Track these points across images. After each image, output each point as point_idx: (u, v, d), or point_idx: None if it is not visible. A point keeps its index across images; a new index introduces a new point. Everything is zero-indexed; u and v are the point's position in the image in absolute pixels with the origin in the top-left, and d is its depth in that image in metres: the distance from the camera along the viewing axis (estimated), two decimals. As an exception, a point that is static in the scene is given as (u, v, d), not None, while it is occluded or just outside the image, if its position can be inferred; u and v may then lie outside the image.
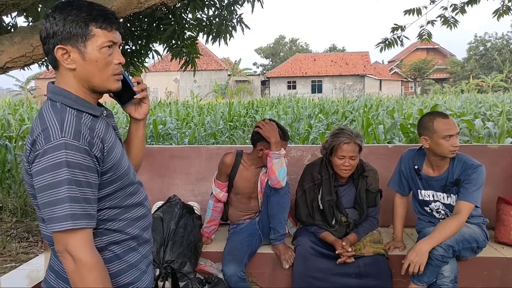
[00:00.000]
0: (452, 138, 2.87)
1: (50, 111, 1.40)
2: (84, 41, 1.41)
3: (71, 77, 1.45)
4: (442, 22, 5.41)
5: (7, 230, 5.37)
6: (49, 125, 1.36)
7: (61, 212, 1.31)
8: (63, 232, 1.32)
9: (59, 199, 1.32)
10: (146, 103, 1.72)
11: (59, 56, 1.42)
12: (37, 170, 1.34)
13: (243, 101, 23.55)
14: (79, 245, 1.34)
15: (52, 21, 1.40)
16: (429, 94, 38.19)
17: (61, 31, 1.39)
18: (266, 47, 74.19)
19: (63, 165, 1.32)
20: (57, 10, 1.41)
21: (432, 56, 57.23)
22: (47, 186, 1.32)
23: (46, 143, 1.33)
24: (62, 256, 1.36)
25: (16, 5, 3.07)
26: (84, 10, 1.41)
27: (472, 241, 2.85)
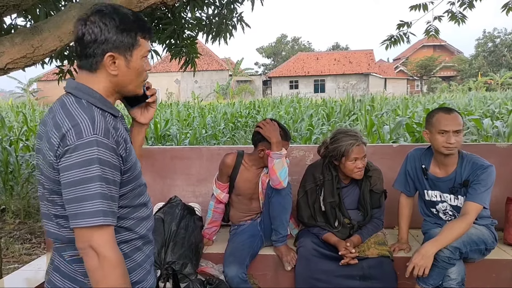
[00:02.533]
0: (448, 134, 2.80)
1: (78, 108, 1.42)
2: (131, 50, 1.49)
3: (107, 81, 1.50)
4: (450, 17, 5.32)
5: (10, 231, 5.37)
6: (80, 121, 1.38)
7: (92, 207, 1.33)
8: (89, 228, 1.34)
9: (90, 194, 1.34)
10: (153, 108, 1.75)
11: (107, 62, 1.46)
12: (67, 165, 1.35)
13: (245, 101, 23.52)
14: (105, 241, 1.35)
15: (102, 27, 1.44)
16: (436, 93, 37.89)
17: (114, 39, 1.45)
18: (267, 47, 74.14)
19: (95, 161, 1.35)
20: (105, 16, 1.45)
21: (439, 53, 56.38)
22: (78, 181, 1.34)
23: (78, 139, 1.35)
24: (84, 252, 1.36)
25: (16, 6, 3.04)
26: (132, 19, 1.48)
27: (480, 242, 2.79)
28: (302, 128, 11.06)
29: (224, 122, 13.35)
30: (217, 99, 35.32)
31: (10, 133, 9.13)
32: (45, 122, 1.50)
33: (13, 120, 13.41)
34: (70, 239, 1.46)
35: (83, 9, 2.56)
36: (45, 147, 1.42)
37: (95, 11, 1.46)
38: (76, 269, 1.49)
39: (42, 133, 1.50)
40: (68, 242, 1.48)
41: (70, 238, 1.46)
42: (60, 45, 2.57)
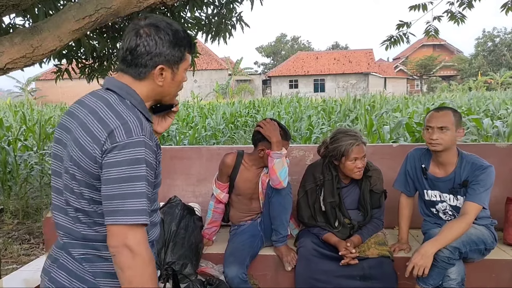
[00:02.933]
0: (432, 130, 2.86)
1: (123, 107, 1.46)
2: (178, 63, 1.56)
3: (150, 89, 1.55)
4: (449, 17, 5.32)
5: (9, 232, 5.36)
6: (129, 120, 1.41)
7: (137, 206, 1.36)
8: (128, 225, 1.35)
9: (137, 193, 1.36)
10: (172, 118, 1.79)
11: (156, 74, 1.52)
12: (114, 161, 1.37)
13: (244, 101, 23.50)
14: (141, 240, 1.37)
15: (158, 41, 1.49)
16: (436, 92, 37.81)
17: (167, 53, 1.51)
18: (267, 46, 73.99)
19: (142, 161, 1.38)
20: (161, 31, 1.50)
21: (438, 52, 56.27)
22: (125, 178, 1.36)
23: (128, 137, 1.38)
24: (117, 250, 1.36)
25: (16, 6, 3.03)
26: (182, 35, 1.55)
27: (479, 242, 2.79)
28: (302, 128, 11.05)
29: (223, 121, 13.35)
30: (217, 99, 35.30)
31: (8, 133, 9.10)
32: (73, 113, 1.52)
33: (12, 120, 13.38)
34: (85, 235, 1.47)
35: (82, 9, 2.56)
36: (83, 139, 1.42)
37: (151, 24, 1.51)
38: (87, 269, 1.49)
39: (68, 125, 1.52)
40: (81, 239, 1.48)
41: (85, 235, 1.47)
42: (60, 45, 2.56)
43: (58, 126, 1.58)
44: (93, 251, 1.49)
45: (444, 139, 2.83)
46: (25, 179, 6.68)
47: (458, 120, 2.87)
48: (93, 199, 1.45)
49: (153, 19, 1.53)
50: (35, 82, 43.91)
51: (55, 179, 1.56)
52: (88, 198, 1.44)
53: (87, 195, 1.45)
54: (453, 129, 2.82)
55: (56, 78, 4.91)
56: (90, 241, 1.48)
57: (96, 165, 1.40)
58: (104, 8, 2.58)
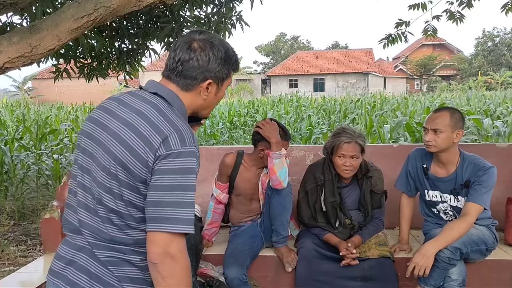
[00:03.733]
0: (426, 131, 2.89)
1: (173, 114, 1.47)
2: (223, 80, 1.60)
3: (193, 101, 1.57)
4: (448, 17, 5.30)
5: (5, 233, 5.33)
6: (182, 128, 1.43)
7: (186, 215, 1.36)
8: (174, 234, 1.35)
9: (187, 202, 1.37)
10: (195, 130, 1.80)
11: (204, 88, 1.55)
12: (168, 168, 1.37)
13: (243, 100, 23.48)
14: (182, 248, 1.38)
15: (211, 57, 1.52)
16: (436, 92, 37.80)
17: (217, 70, 1.55)
18: (266, 45, 73.83)
19: (194, 171, 1.41)
20: (215, 47, 1.53)
21: (438, 52, 56.17)
22: (177, 187, 1.36)
23: (182, 146, 1.39)
24: (160, 258, 1.35)
25: (14, 5, 3.01)
26: (232, 53, 1.58)
27: (480, 243, 2.77)
28: (302, 128, 11.04)
29: (222, 121, 13.33)
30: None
31: (5, 132, 9.06)
32: (111, 110, 1.50)
33: (8, 119, 13.34)
34: (113, 237, 1.45)
35: (81, 8, 2.54)
36: (133, 141, 1.41)
37: (206, 40, 1.53)
38: (113, 272, 1.46)
39: (103, 120, 1.50)
40: (108, 241, 1.46)
41: (114, 237, 1.45)
42: (59, 44, 2.54)
43: (89, 120, 1.55)
44: (120, 255, 1.47)
45: (437, 141, 2.83)
46: (22, 180, 6.63)
47: (457, 121, 2.84)
48: (132, 202, 1.43)
49: (207, 34, 1.56)
50: (31, 81, 43.78)
51: (82, 175, 1.52)
52: (127, 200, 1.43)
53: (127, 197, 1.43)
54: (448, 131, 2.80)
55: (55, 78, 4.89)
56: (118, 244, 1.46)
57: (146, 169, 1.40)
58: (103, 7, 2.56)
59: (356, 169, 3.01)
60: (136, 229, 1.44)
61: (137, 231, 1.43)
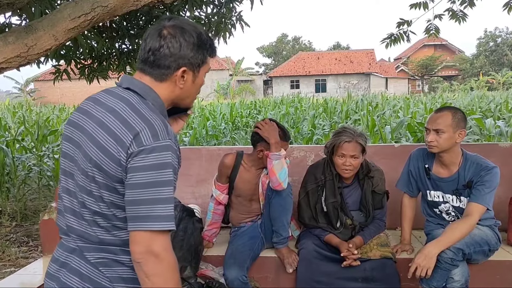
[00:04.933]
0: (428, 132, 2.86)
1: (147, 108, 1.43)
2: (200, 66, 1.54)
3: (170, 91, 1.52)
4: (450, 16, 5.27)
5: (7, 234, 5.31)
6: (154, 122, 1.38)
7: (164, 211, 1.33)
8: (155, 232, 1.32)
9: (164, 198, 1.33)
10: (184, 121, 1.78)
11: (178, 76, 1.50)
12: (141, 165, 1.33)
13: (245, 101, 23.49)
14: (167, 246, 1.35)
15: (183, 43, 1.47)
16: (437, 92, 37.79)
17: (191, 56, 1.49)
18: (268, 46, 73.81)
19: (169, 166, 1.35)
20: (186, 33, 1.48)
21: (440, 52, 56.26)
22: (152, 183, 1.33)
23: (155, 141, 1.35)
24: (143, 257, 1.32)
25: (11, 5, 3.00)
26: (205, 37, 1.52)
27: (483, 244, 2.74)
28: (304, 128, 11.01)
29: (224, 122, 13.31)
30: (218, 99, 35.31)
31: (6, 134, 9.05)
32: (87, 111, 1.47)
33: (10, 121, 13.35)
34: (102, 240, 1.43)
35: (78, 7, 2.52)
36: (105, 140, 1.38)
37: (175, 26, 1.48)
38: (104, 273, 1.44)
39: (81, 123, 1.47)
40: (97, 243, 1.44)
41: (102, 239, 1.42)
42: (55, 44, 2.52)
43: (68, 123, 1.53)
44: (110, 255, 1.44)
45: (439, 142, 2.79)
46: (23, 181, 6.63)
47: (459, 121, 2.80)
48: (113, 203, 1.40)
49: (177, 20, 1.51)
50: (34, 82, 43.91)
51: (65, 179, 1.51)
52: (108, 201, 1.41)
53: (107, 198, 1.40)
54: (450, 131, 2.77)
55: (55, 79, 4.88)
56: (108, 245, 1.44)
57: (120, 168, 1.36)
58: (101, 6, 2.54)
59: (356, 169, 2.98)
60: (123, 229, 1.41)
61: (125, 232, 1.40)
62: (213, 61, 47.39)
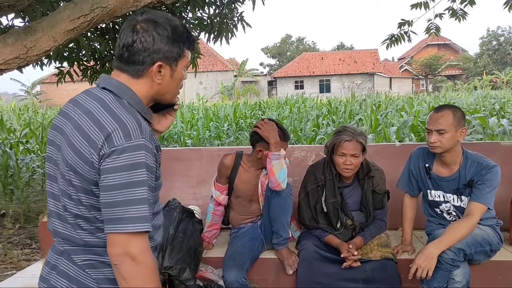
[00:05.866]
0: (429, 132, 2.81)
1: (120, 107, 1.40)
2: (177, 60, 1.49)
3: (148, 88, 1.48)
4: (450, 14, 5.25)
5: (10, 236, 5.32)
6: (127, 122, 1.35)
7: (138, 213, 1.31)
8: (131, 233, 1.30)
9: (138, 199, 1.31)
10: (172, 116, 1.73)
11: (155, 71, 1.46)
12: (113, 166, 1.31)
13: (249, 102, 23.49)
14: (144, 248, 1.33)
15: (156, 37, 1.43)
16: (441, 91, 37.71)
17: (165, 50, 1.45)
18: (272, 47, 73.84)
19: (143, 165, 1.33)
20: (159, 26, 1.44)
21: (443, 52, 56.50)
22: (125, 184, 1.30)
23: (127, 141, 1.32)
24: (120, 260, 1.31)
25: (12, 7, 3.00)
26: (182, 30, 1.48)
27: (484, 244, 2.72)
28: (307, 128, 11.01)
29: (227, 123, 13.33)
30: (222, 100, 35.33)
31: (10, 136, 9.09)
32: (67, 114, 1.46)
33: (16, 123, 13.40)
34: (87, 242, 1.42)
35: (77, 9, 2.52)
36: (79, 143, 1.36)
37: (148, 20, 1.44)
38: (90, 275, 1.44)
39: (61, 126, 1.46)
40: (83, 245, 1.43)
41: (87, 242, 1.42)
42: (55, 45, 2.52)
43: (51, 127, 1.51)
44: (96, 257, 1.44)
45: (442, 142, 2.76)
46: (27, 183, 6.66)
47: (460, 119, 2.78)
48: (92, 205, 1.39)
49: (151, 14, 1.47)
50: (40, 85, 44.06)
51: (50, 183, 1.50)
52: (87, 204, 1.39)
53: (86, 201, 1.39)
54: (452, 130, 2.74)
55: (58, 81, 4.89)
56: (93, 247, 1.43)
57: (94, 171, 1.35)
58: (100, 7, 2.54)
59: (356, 168, 2.96)
60: None
61: None
62: (218, 62, 47.64)
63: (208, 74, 46.90)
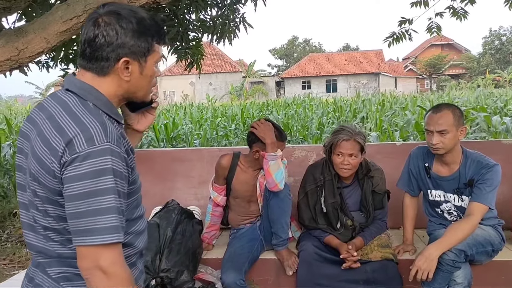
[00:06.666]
0: (430, 134, 2.73)
1: (84, 110, 1.30)
2: (146, 55, 1.39)
3: (116, 86, 1.38)
4: (451, 13, 5.19)
5: (19, 236, 5.33)
6: (90, 126, 1.25)
7: (106, 223, 1.21)
8: (99, 246, 1.21)
9: (104, 208, 1.21)
10: (153, 114, 1.64)
11: (121, 68, 1.36)
12: (76, 174, 1.21)
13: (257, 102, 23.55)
14: (115, 259, 1.24)
15: (119, 31, 1.33)
16: (445, 90, 37.65)
17: (131, 44, 1.35)
18: (280, 48, 74.11)
19: (109, 172, 1.23)
20: (123, 19, 1.34)
21: (446, 52, 56.83)
22: (89, 193, 1.21)
23: (89, 146, 1.22)
24: (90, 273, 1.23)
25: (7, 9, 3.00)
26: (149, 23, 1.39)
27: (486, 244, 2.66)
28: (312, 127, 11.00)
29: (235, 123, 13.34)
30: (231, 101, 35.43)
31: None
32: (33, 119, 1.37)
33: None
34: (60, 254, 1.34)
35: (70, 9, 2.50)
36: (40, 150, 1.28)
37: (111, 12, 1.34)
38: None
39: (28, 132, 1.37)
40: (56, 257, 1.35)
41: (60, 253, 1.34)
42: (47, 46, 2.50)
43: (19, 135, 1.42)
44: (70, 269, 1.35)
45: (445, 143, 2.69)
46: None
47: (459, 118, 2.72)
48: (60, 216, 1.30)
49: (113, 6, 1.36)
50: (54, 87, 44.40)
51: (21, 193, 1.41)
52: (55, 215, 1.31)
53: (53, 212, 1.31)
54: (453, 130, 2.68)
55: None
56: (66, 258, 1.34)
57: (56, 180, 1.26)
58: (93, 8, 2.51)
59: (355, 168, 2.92)
60: None
61: None
62: (227, 64, 48.09)
63: (218, 76, 47.38)
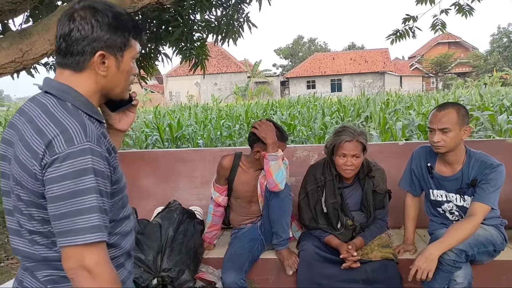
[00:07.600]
0: (432, 132, 2.72)
1: (63, 111, 1.30)
2: (123, 50, 1.39)
3: (93, 82, 1.39)
4: (457, 10, 5.16)
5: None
6: (69, 126, 1.26)
7: (88, 223, 1.22)
8: (83, 245, 1.21)
9: (86, 208, 1.22)
10: (133, 112, 1.65)
11: (97, 62, 1.36)
12: (56, 175, 1.22)
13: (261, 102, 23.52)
14: (100, 259, 1.24)
15: (94, 24, 1.33)
16: (451, 89, 37.39)
17: (106, 38, 1.35)
18: (285, 48, 74.05)
19: (89, 171, 1.23)
20: (98, 13, 1.35)
21: (453, 50, 56.14)
22: (71, 193, 1.21)
23: (69, 146, 1.22)
24: (75, 273, 1.23)
25: (13, 11, 3.02)
26: (126, 18, 1.40)
27: (488, 244, 2.65)
28: (316, 127, 10.99)
29: (239, 123, 13.34)
30: (236, 101, 35.40)
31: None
32: (14, 125, 1.37)
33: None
34: (46, 257, 1.35)
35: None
36: (22, 154, 1.28)
37: (86, 7, 1.35)
38: None
39: (10, 138, 1.37)
40: (42, 261, 1.36)
41: (46, 257, 1.35)
42: (51, 48, 2.52)
43: (1, 141, 1.42)
44: (57, 272, 1.35)
45: (446, 141, 2.68)
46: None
47: (464, 117, 2.69)
48: (44, 219, 1.30)
49: (90, 1, 1.37)
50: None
51: (6, 200, 1.41)
52: (39, 218, 1.31)
53: (37, 215, 1.31)
54: (456, 129, 2.66)
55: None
56: (52, 261, 1.35)
57: (38, 183, 1.26)
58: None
59: (357, 168, 2.92)
60: None
61: None
62: (232, 64, 48.06)
63: (223, 76, 47.37)
